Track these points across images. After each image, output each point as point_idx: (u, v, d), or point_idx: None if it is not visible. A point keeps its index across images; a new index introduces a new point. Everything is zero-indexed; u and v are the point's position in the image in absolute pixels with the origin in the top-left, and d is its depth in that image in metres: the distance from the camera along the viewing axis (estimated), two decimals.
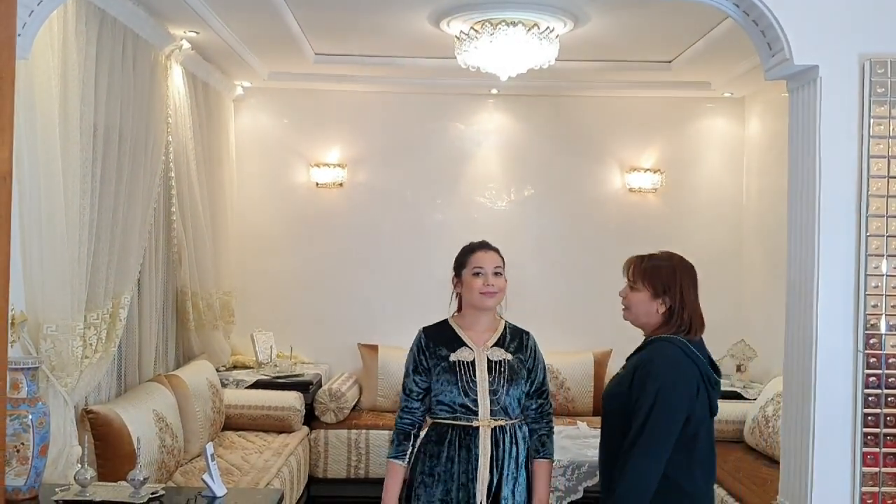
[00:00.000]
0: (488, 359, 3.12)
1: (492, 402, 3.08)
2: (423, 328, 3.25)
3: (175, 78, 5.03)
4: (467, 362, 3.11)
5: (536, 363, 3.21)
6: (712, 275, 6.58)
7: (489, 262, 3.15)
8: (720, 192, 6.74)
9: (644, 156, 6.70)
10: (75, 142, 3.56)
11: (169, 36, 4.76)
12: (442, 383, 3.10)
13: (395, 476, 3.18)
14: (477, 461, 3.04)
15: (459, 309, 3.26)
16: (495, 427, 3.08)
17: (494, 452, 3.06)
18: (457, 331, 3.19)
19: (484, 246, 3.21)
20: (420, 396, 3.17)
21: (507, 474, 3.07)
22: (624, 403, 2.72)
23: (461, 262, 3.19)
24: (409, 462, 3.17)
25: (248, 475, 4.69)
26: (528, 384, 3.16)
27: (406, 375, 3.19)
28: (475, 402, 3.07)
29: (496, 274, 3.14)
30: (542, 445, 3.18)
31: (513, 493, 3.08)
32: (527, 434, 3.17)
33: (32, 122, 3.34)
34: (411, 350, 3.20)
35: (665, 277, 2.80)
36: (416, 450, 3.19)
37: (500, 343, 3.17)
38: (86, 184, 3.68)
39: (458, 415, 3.08)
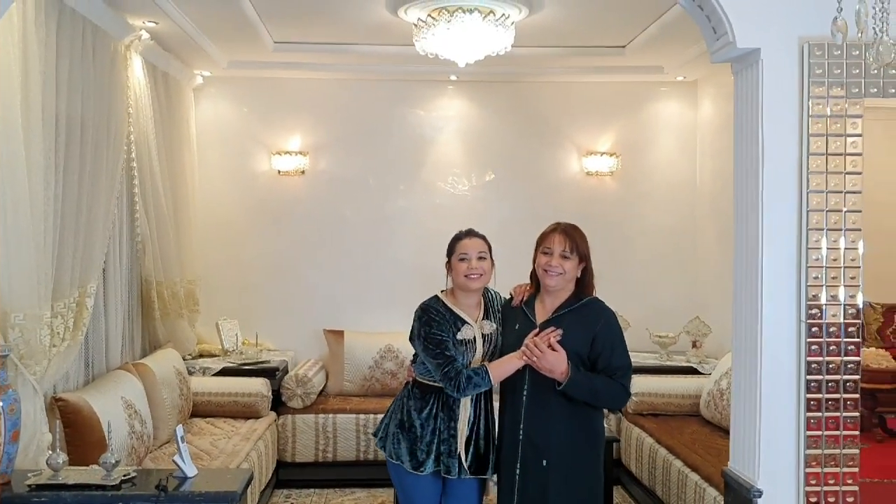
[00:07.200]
0: (482, 333, 3.45)
1: None
2: (432, 302, 3.46)
3: (135, 68, 5.04)
4: (469, 340, 3.41)
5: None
6: (668, 254, 6.88)
7: (473, 248, 3.46)
8: (674, 175, 6.89)
9: (601, 140, 6.83)
10: (38, 132, 3.58)
11: (128, 26, 4.78)
12: None
13: (501, 361, 3.33)
14: (458, 423, 3.39)
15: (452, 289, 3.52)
16: None
17: (472, 413, 3.42)
18: (454, 309, 3.45)
19: (469, 234, 3.53)
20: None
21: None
22: (588, 356, 3.25)
23: (451, 249, 3.50)
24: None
25: (217, 459, 4.75)
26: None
27: (437, 347, 3.32)
28: None
29: (480, 258, 3.45)
30: None
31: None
32: None
33: None
34: (430, 321, 3.37)
35: (585, 247, 3.35)
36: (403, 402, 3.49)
37: (486, 315, 3.50)
38: (49, 174, 3.70)
39: None
